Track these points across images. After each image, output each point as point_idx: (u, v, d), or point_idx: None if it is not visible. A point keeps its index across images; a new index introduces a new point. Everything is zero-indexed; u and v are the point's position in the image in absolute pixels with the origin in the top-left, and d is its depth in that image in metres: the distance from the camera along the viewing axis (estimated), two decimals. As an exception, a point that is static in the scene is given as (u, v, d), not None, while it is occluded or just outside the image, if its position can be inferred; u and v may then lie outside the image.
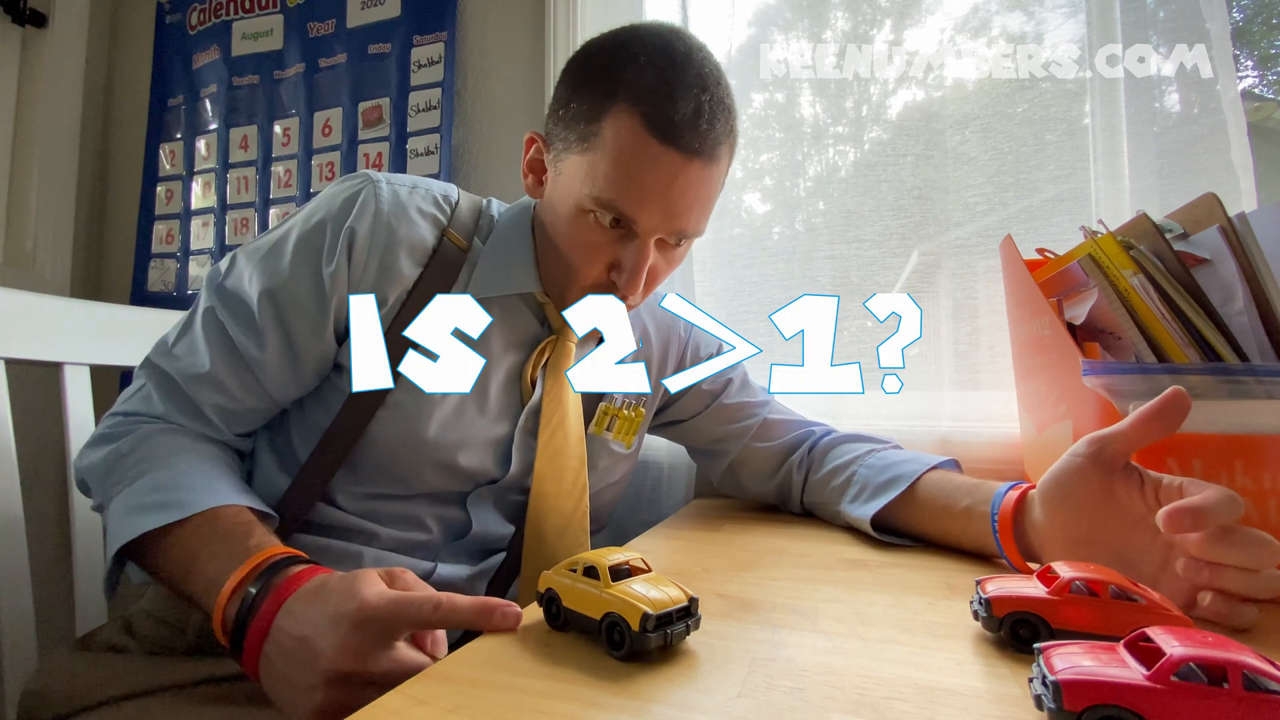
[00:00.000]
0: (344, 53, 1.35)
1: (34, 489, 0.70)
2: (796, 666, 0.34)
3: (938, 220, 0.96)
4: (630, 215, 0.57)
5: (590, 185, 0.57)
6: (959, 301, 0.93)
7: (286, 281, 0.58)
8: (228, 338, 0.58)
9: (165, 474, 0.52)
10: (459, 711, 0.29)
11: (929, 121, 0.99)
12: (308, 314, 0.58)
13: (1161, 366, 0.53)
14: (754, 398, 0.82)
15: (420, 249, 0.61)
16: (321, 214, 0.60)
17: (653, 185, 0.55)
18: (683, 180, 0.56)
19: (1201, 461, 0.48)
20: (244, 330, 0.58)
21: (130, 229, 1.51)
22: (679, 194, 0.56)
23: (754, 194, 1.14)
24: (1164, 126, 0.86)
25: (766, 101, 1.10)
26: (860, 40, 1.03)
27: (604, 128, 0.55)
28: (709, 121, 0.55)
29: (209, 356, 0.57)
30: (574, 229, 0.60)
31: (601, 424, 0.73)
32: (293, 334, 0.58)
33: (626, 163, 0.55)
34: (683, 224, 0.59)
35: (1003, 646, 0.37)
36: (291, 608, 0.41)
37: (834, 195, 1.04)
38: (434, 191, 0.64)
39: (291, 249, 0.59)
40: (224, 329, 0.58)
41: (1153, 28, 0.86)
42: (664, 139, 0.54)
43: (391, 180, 0.62)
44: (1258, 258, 0.54)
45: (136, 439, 0.55)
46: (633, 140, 0.54)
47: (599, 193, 0.56)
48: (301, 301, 0.58)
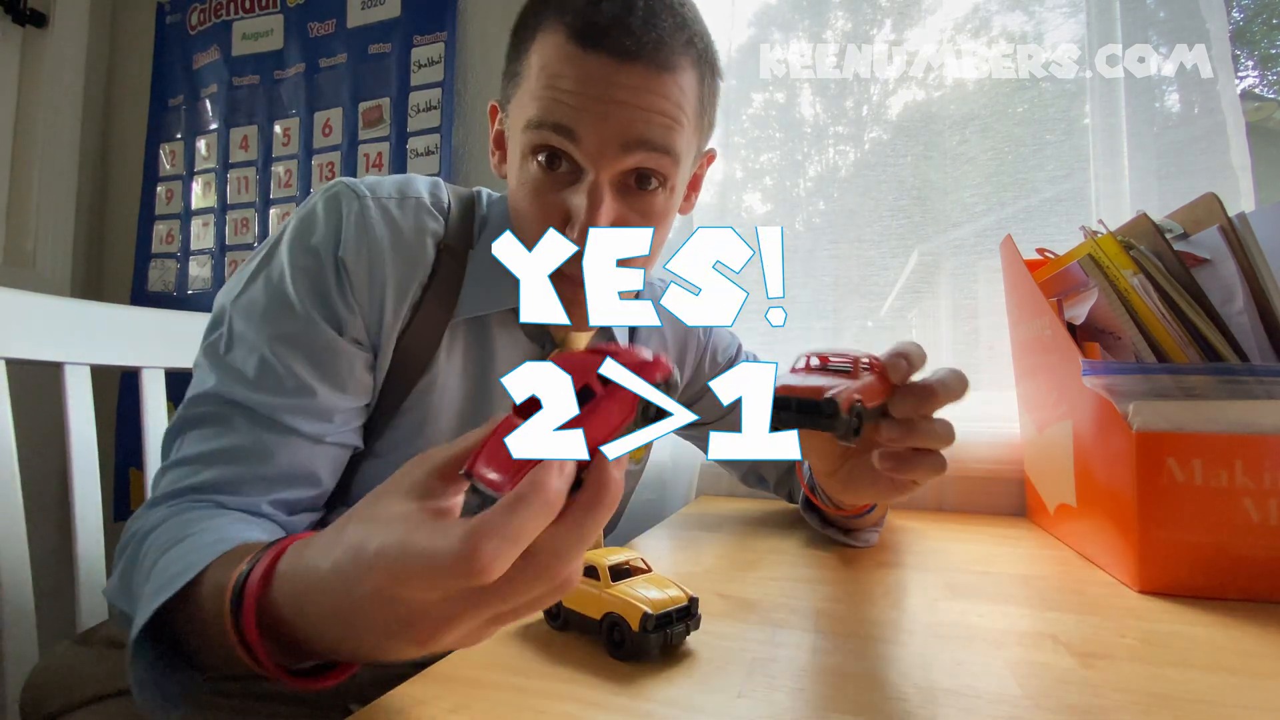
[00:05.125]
0: (344, 53, 1.35)
1: (34, 488, 0.70)
2: (796, 666, 0.34)
3: (937, 220, 0.96)
4: (569, 126, 0.48)
5: (524, 116, 0.50)
6: (958, 301, 0.94)
7: (303, 324, 0.50)
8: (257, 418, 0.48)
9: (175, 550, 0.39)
10: (459, 711, 0.29)
11: (929, 121, 0.99)
12: (334, 346, 0.51)
13: (1162, 366, 0.53)
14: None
15: (418, 274, 0.54)
16: (312, 238, 0.52)
17: (588, 93, 0.47)
18: (621, 88, 0.47)
19: (1201, 461, 0.48)
20: (275, 393, 0.49)
21: (130, 229, 1.51)
22: (618, 106, 0.47)
23: (754, 194, 1.14)
24: (1164, 127, 0.86)
25: (767, 101, 1.10)
26: (860, 40, 1.03)
27: (531, 54, 0.50)
28: (645, 21, 0.47)
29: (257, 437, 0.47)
30: (519, 183, 0.52)
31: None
32: (326, 367, 0.50)
33: (551, 77, 0.48)
34: (637, 134, 0.48)
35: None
36: (298, 548, 0.30)
37: (834, 195, 1.04)
38: (424, 200, 0.57)
39: (292, 287, 0.51)
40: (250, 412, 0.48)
41: (1153, 28, 0.86)
42: (588, 44, 0.47)
43: (378, 194, 0.55)
44: (1258, 258, 0.54)
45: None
46: (556, 53, 0.48)
47: (532, 114, 0.49)
48: (324, 337, 0.51)
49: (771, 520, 0.77)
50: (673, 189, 0.53)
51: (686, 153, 0.53)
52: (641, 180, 0.51)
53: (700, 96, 0.53)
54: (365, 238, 0.52)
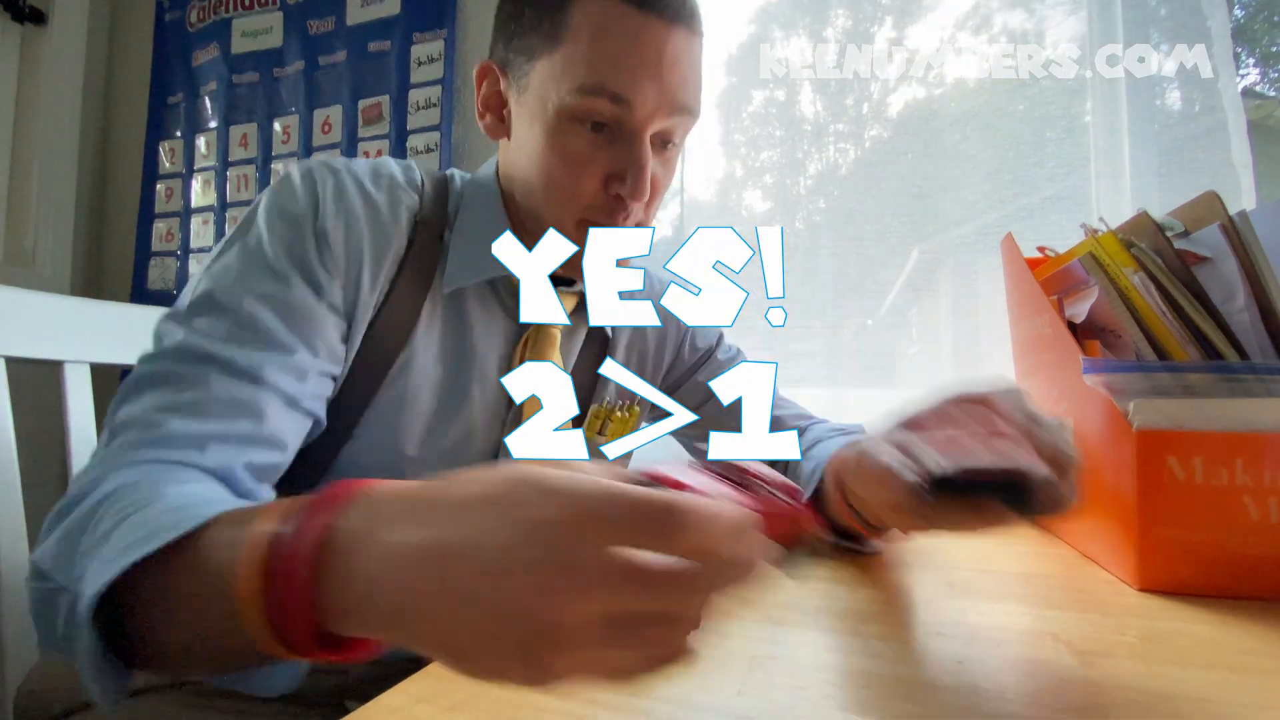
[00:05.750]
0: (344, 50, 1.34)
1: (34, 488, 0.70)
2: (797, 664, 0.34)
3: (938, 218, 0.96)
4: (626, 96, 0.49)
5: (571, 79, 0.49)
6: (959, 300, 0.94)
7: (282, 284, 0.47)
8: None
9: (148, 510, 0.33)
10: (459, 710, 0.29)
11: (929, 120, 0.99)
12: (316, 271, 0.49)
13: (1162, 364, 0.53)
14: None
15: (394, 247, 0.53)
16: (290, 207, 0.50)
17: (643, 58, 0.49)
18: (672, 50, 0.50)
19: (1202, 459, 0.48)
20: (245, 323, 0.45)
21: (130, 227, 1.51)
22: (670, 66, 0.50)
23: (754, 191, 1.14)
24: (1164, 125, 0.86)
25: (767, 99, 1.10)
26: (861, 39, 1.03)
27: (573, 14, 0.49)
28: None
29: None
30: (555, 144, 0.52)
31: (593, 427, 0.67)
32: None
33: (611, 39, 0.49)
34: (681, 100, 0.51)
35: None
36: (376, 508, 0.25)
37: (834, 193, 1.04)
38: (398, 176, 0.56)
39: (270, 250, 0.48)
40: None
41: (1154, 26, 0.86)
42: (643, 6, 0.49)
43: (352, 170, 0.54)
44: (1259, 256, 0.54)
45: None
46: (611, 14, 0.49)
47: (584, 79, 0.49)
48: (302, 297, 0.48)
49: (771, 518, 0.77)
50: (679, 144, 0.56)
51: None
52: (664, 140, 0.53)
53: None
54: (342, 207, 0.51)
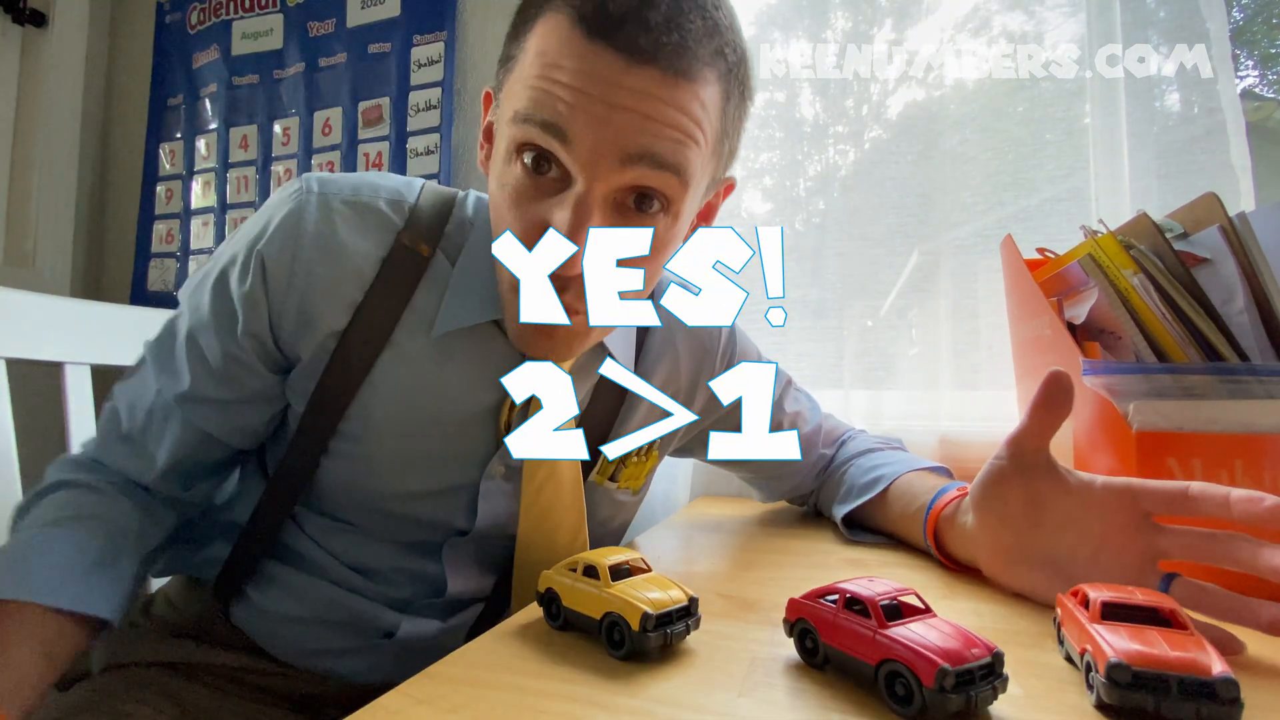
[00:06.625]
0: (344, 52, 1.35)
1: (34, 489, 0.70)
2: (796, 666, 0.34)
3: (937, 220, 0.96)
4: (558, 129, 0.41)
5: (511, 105, 0.44)
6: (959, 301, 0.94)
7: (203, 318, 0.51)
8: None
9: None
10: (459, 711, 0.29)
11: (929, 121, 0.99)
12: (227, 349, 0.51)
13: (1162, 366, 0.53)
14: (785, 411, 0.73)
15: (357, 276, 0.50)
16: (248, 234, 0.51)
17: (581, 93, 0.41)
18: (627, 91, 0.41)
19: (1201, 461, 0.48)
20: (167, 374, 0.53)
21: (130, 229, 1.51)
22: (621, 111, 0.41)
23: (754, 193, 1.14)
24: (1164, 126, 0.86)
25: (767, 101, 1.10)
26: (860, 40, 1.03)
27: (530, 36, 0.44)
28: (668, 19, 0.40)
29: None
30: (500, 184, 0.46)
31: (605, 472, 0.61)
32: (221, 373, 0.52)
33: (547, 66, 0.42)
34: (630, 153, 0.41)
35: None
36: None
37: (834, 195, 1.04)
38: (380, 197, 0.52)
39: (211, 281, 0.52)
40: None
41: (1153, 27, 0.86)
42: (595, 34, 0.40)
43: (328, 191, 0.51)
44: (1258, 257, 0.54)
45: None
46: (557, 38, 0.42)
47: (519, 105, 0.43)
48: (221, 337, 0.51)
49: (771, 520, 0.77)
50: (677, 215, 0.46)
51: (699, 176, 0.46)
52: (642, 201, 0.44)
53: (724, 115, 0.46)
54: (292, 235, 0.49)
